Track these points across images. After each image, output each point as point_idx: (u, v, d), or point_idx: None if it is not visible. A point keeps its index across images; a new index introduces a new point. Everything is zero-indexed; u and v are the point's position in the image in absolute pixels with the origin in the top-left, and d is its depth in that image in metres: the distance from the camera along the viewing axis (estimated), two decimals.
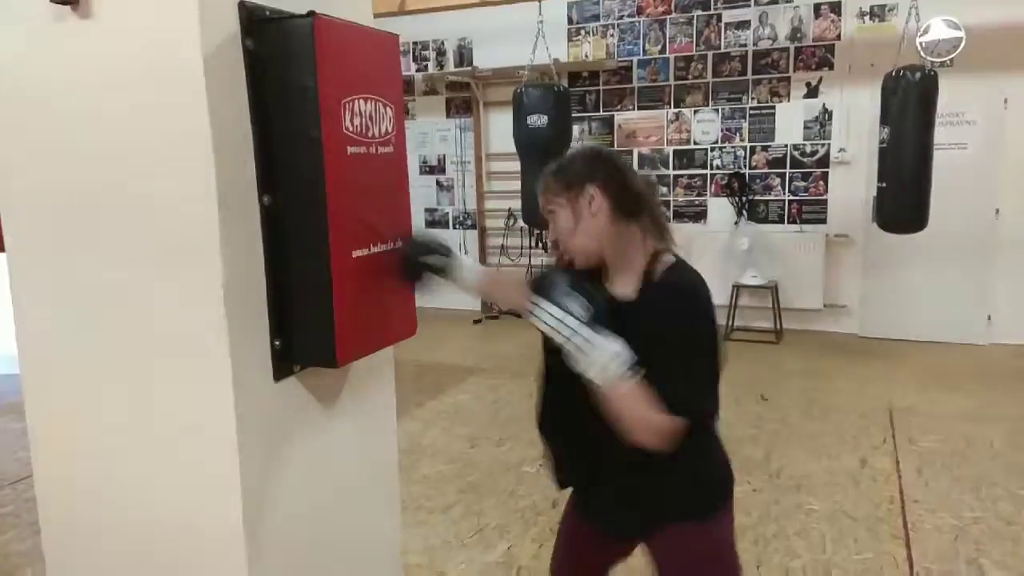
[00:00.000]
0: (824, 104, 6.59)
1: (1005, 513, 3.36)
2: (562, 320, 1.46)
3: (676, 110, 7.09)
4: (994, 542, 3.11)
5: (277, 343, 1.45)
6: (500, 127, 7.41)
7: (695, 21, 6.91)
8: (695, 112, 7.03)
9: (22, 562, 3.11)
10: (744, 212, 6.87)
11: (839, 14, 6.46)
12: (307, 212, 1.39)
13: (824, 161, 6.67)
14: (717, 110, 6.95)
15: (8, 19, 1.41)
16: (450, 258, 1.60)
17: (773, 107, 6.76)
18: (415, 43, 7.98)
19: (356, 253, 1.47)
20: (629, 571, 1.96)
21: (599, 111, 7.37)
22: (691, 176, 7.09)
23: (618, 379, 1.44)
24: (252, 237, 1.39)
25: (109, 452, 1.50)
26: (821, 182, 6.70)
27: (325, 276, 1.40)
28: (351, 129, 1.42)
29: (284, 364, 1.48)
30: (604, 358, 1.43)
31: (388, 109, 1.53)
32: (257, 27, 1.35)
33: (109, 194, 1.39)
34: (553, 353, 1.53)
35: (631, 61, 7.19)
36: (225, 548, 1.43)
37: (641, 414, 1.45)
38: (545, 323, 1.48)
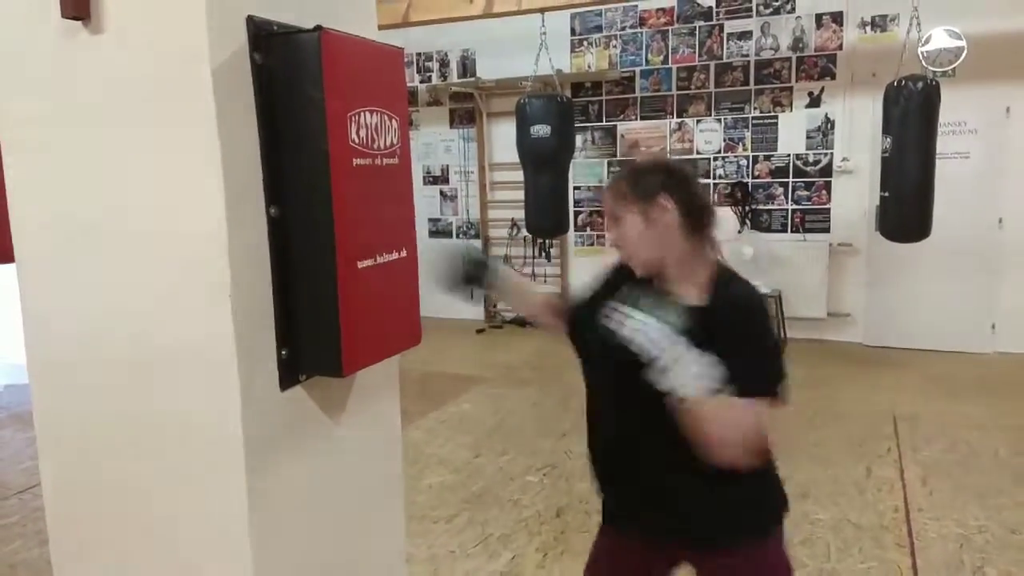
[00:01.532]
0: (826, 114, 6.61)
1: (1010, 522, 3.35)
2: (657, 332, 1.45)
3: (679, 120, 7.11)
4: (999, 551, 3.11)
5: (283, 352, 1.46)
6: (503, 137, 7.44)
7: (697, 32, 6.94)
8: (698, 122, 7.05)
9: (28, 572, 3.12)
10: (747, 221, 6.88)
11: (841, 24, 6.49)
12: (314, 223, 1.41)
13: (827, 170, 6.68)
14: (720, 120, 6.97)
15: (19, 34, 1.43)
16: (493, 273, 1.65)
17: (776, 117, 6.78)
18: (419, 54, 8.02)
19: (362, 264, 1.48)
20: None
21: (602, 121, 7.40)
22: None
23: (710, 393, 1.44)
24: (259, 247, 1.41)
25: (116, 461, 1.51)
26: (824, 191, 6.71)
27: (331, 286, 1.42)
28: (357, 141, 1.44)
29: (290, 373, 1.49)
30: (695, 372, 1.43)
31: (393, 121, 1.55)
32: (265, 41, 1.37)
33: (118, 206, 1.40)
34: (624, 368, 1.50)
35: (634, 71, 7.23)
36: (231, 556, 1.44)
37: (736, 422, 1.47)
38: (636, 334, 1.46)
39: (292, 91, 1.37)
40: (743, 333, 1.58)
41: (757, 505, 1.69)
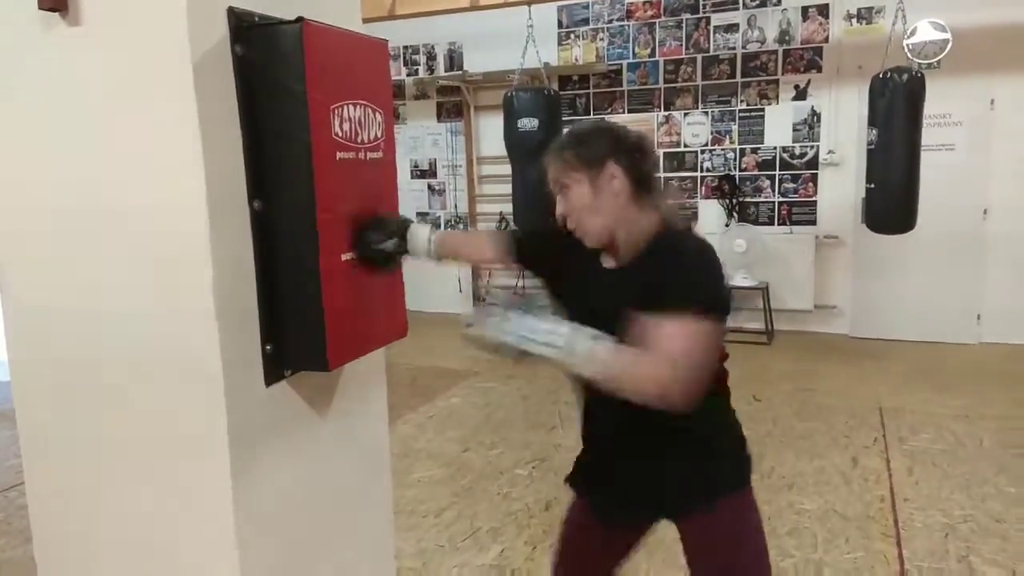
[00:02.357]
0: (813, 106, 6.63)
1: (994, 511, 3.38)
2: (526, 327, 1.43)
3: (666, 113, 7.12)
4: (984, 539, 3.13)
5: (268, 347, 1.45)
6: (491, 131, 7.43)
7: (684, 24, 6.94)
8: (685, 115, 7.06)
9: (13, 570, 3.10)
10: (735, 214, 6.89)
11: (827, 17, 6.50)
12: (297, 217, 1.40)
13: (813, 163, 6.70)
14: (707, 113, 6.98)
15: None
16: (401, 239, 1.60)
17: (762, 109, 6.80)
18: (405, 47, 7.99)
19: (346, 257, 1.48)
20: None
21: (589, 114, 7.39)
22: (682, 178, 7.12)
23: (604, 356, 1.40)
24: (242, 242, 1.40)
25: (100, 458, 1.50)
26: (810, 184, 6.73)
27: (315, 280, 1.41)
28: (340, 134, 1.43)
29: (275, 369, 1.48)
30: (584, 346, 1.40)
31: (378, 114, 1.54)
32: (246, 33, 1.36)
33: (98, 200, 1.39)
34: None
35: (621, 64, 7.22)
36: (217, 553, 1.43)
37: (643, 370, 1.40)
38: (525, 345, 1.43)
39: (274, 84, 1.36)
40: (670, 272, 1.49)
41: (710, 468, 1.67)
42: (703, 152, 7.05)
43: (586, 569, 1.90)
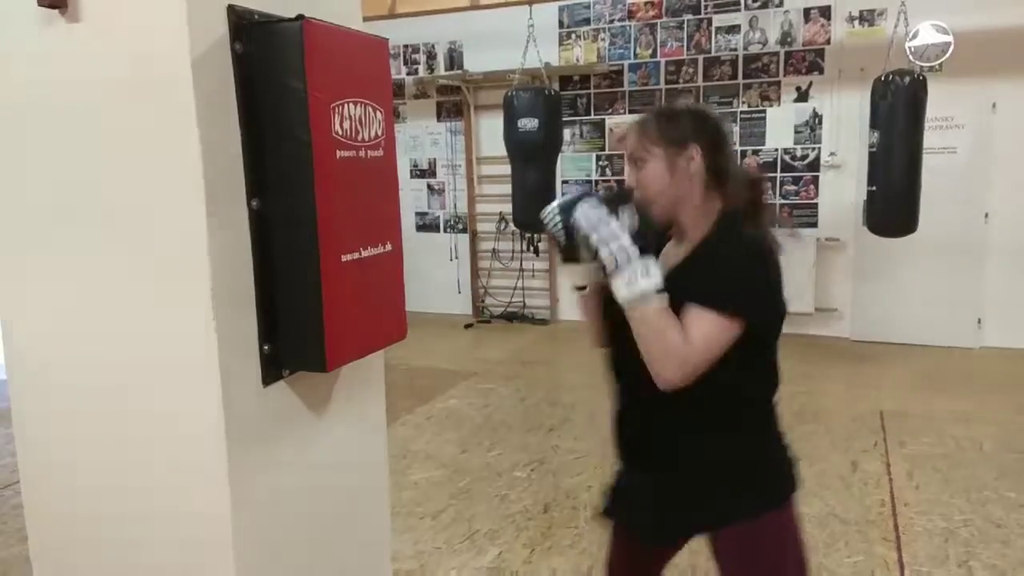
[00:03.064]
0: (814, 108, 6.62)
1: (995, 515, 3.37)
2: (607, 225, 1.45)
3: None
4: (984, 544, 3.13)
5: (266, 348, 1.44)
6: (491, 130, 7.42)
7: (685, 25, 6.93)
8: None
9: (9, 569, 3.08)
10: None
11: (829, 19, 6.49)
12: (296, 216, 1.39)
13: (814, 165, 6.69)
14: None
15: None
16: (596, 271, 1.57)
17: (763, 111, 6.79)
18: (405, 46, 7.98)
19: (345, 257, 1.46)
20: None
21: (590, 115, 7.39)
22: None
23: (644, 296, 1.44)
24: (241, 241, 1.38)
25: (96, 458, 1.49)
26: (811, 186, 6.72)
27: (314, 280, 1.40)
28: (340, 133, 1.42)
29: (273, 369, 1.47)
30: (636, 272, 1.43)
31: (378, 113, 1.53)
32: (246, 31, 1.35)
33: (96, 199, 1.38)
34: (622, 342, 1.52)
35: (622, 65, 7.21)
36: (214, 554, 1.42)
37: (664, 336, 1.45)
38: (586, 223, 1.45)
39: (274, 82, 1.35)
40: (708, 274, 1.54)
41: (753, 482, 1.65)
42: None
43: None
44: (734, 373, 1.54)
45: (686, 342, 1.46)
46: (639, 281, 1.45)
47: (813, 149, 6.68)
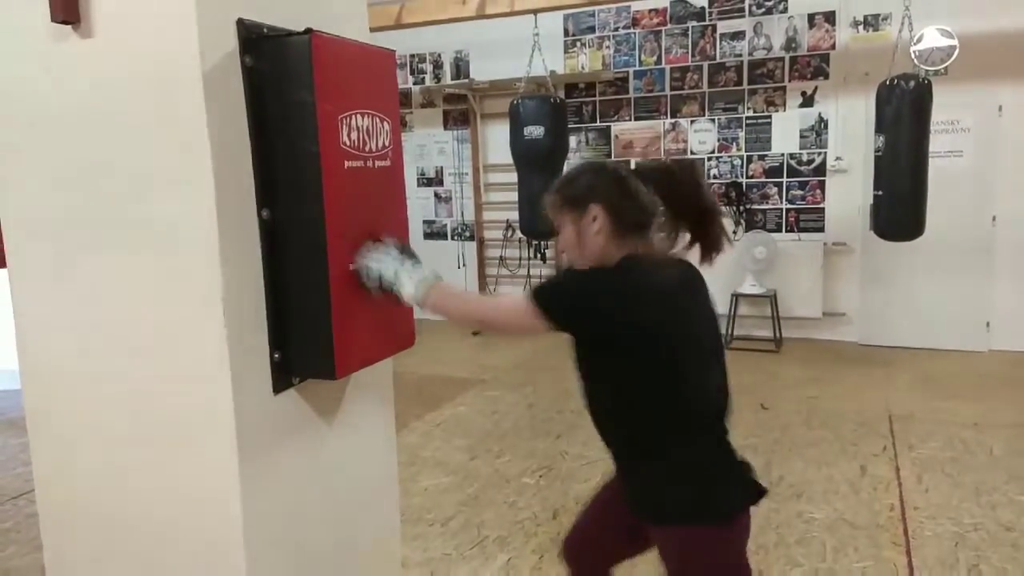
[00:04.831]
0: (820, 113, 6.62)
1: (1005, 519, 3.36)
2: (378, 260, 1.51)
3: (673, 120, 7.12)
4: (994, 548, 3.11)
5: (276, 356, 1.46)
6: (497, 138, 7.44)
7: (690, 32, 6.95)
8: (691, 122, 7.06)
9: None
10: (742, 221, 6.89)
11: (833, 24, 6.50)
12: (305, 225, 1.41)
13: (820, 170, 6.69)
14: (713, 120, 6.98)
15: (9, 38, 1.43)
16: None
17: (769, 116, 6.80)
18: (412, 56, 8.02)
19: (354, 266, 1.49)
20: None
21: (596, 122, 7.41)
22: None
23: (422, 284, 1.54)
24: (251, 250, 1.41)
25: (109, 466, 1.51)
26: (818, 191, 6.72)
27: (324, 289, 1.42)
28: (348, 143, 1.44)
29: (283, 377, 1.49)
30: (405, 275, 1.52)
31: (385, 123, 1.55)
32: (256, 44, 1.37)
33: (109, 210, 1.40)
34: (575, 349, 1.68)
35: (627, 72, 7.23)
36: (226, 561, 1.44)
37: (466, 299, 1.64)
38: (370, 275, 1.51)
39: (283, 94, 1.37)
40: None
41: (690, 492, 1.67)
42: (710, 159, 7.04)
43: (597, 540, 1.96)
44: (652, 405, 1.61)
45: (489, 304, 1.65)
46: (411, 277, 1.53)
47: (819, 154, 6.68)
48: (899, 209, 5.19)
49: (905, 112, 5.02)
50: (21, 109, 1.44)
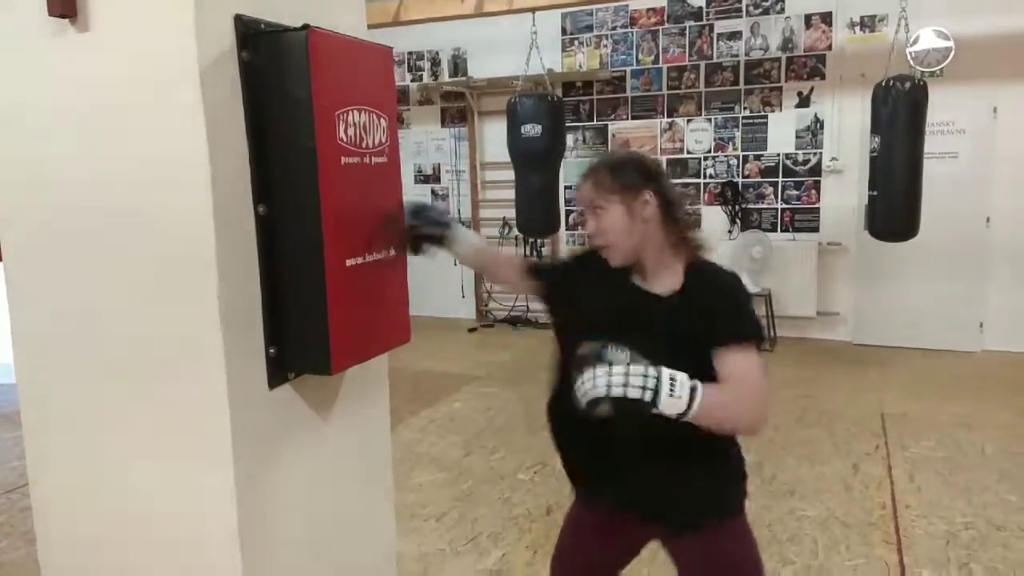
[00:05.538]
0: (816, 114, 6.64)
1: (996, 518, 3.38)
2: (626, 377, 1.41)
3: (669, 119, 7.13)
4: (985, 547, 3.13)
5: (272, 351, 1.47)
6: (495, 136, 7.44)
7: (687, 32, 6.96)
8: (688, 121, 7.07)
9: (16, 572, 3.11)
10: (737, 221, 6.91)
11: (830, 24, 6.51)
12: (301, 221, 1.41)
13: (816, 170, 6.71)
14: (710, 120, 6.99)
15: (5, 31, 1.43)
16: (448, 228, 1.78)
17: (765, 116, 6.81)
18: (410, 53, 8.01)
19: (350, 262, 1.49)
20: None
21: (593, 120, 7.41)
22: (684, 185, 7.12)
23: (691, 399, 1.43)
24: (247, 246, 1.41)
25: (104, 461, 1.51)
26: (813, 191, 6.74)
27: (319, 284, 1.42)
28: (345, 140, 1.44)
29: (278, 372, 1.49)
30: (666, 389, 1.42)
31: (382, 120, 1.56)
32: (253, 40, 1.37)
33: (105, 205, 1.40)
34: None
35: (624, 71, 7.24)
36: (221, 556, 1.44)
37: (728, 407, 1.50)
38: (613, 389, 1.41)
39: (280, 89, 1.38)
40: (721, 304, 1.63)
41: (725, 485, 1.75)
42: (706, 159, 7.06)
43: (583, 565, 1.96)
44: None
45: (745, 386, 1.53)
46: (675, 395, 1.42)
47: (815, 154, 6.70)
48: (894, 210, 5.21)
49: (901, 113, 5.04)
50: (17, 102, 1.45)
